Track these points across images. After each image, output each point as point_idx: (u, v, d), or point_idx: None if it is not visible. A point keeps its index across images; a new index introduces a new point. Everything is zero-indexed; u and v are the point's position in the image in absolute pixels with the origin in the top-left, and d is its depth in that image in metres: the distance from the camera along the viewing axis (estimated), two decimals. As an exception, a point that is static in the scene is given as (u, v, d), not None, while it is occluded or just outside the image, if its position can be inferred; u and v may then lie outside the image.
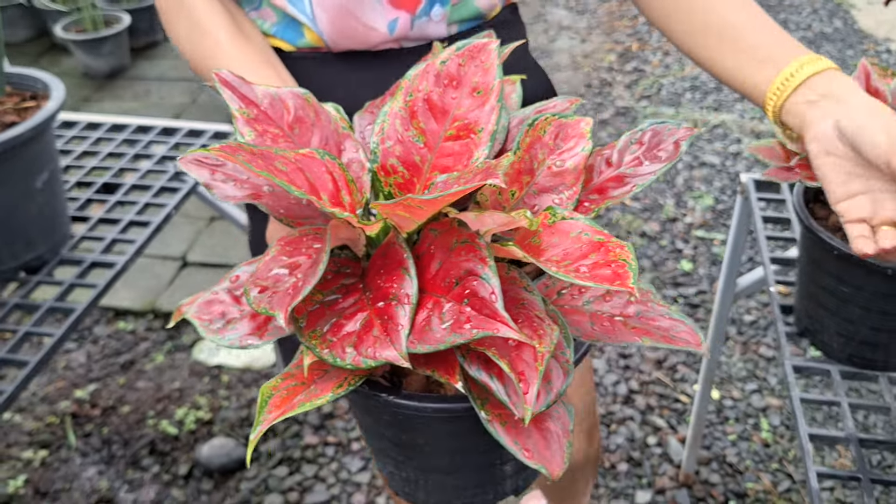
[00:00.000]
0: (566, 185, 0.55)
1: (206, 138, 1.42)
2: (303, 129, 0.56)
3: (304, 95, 0.58)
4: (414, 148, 0.55)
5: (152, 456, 1.77)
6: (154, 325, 2.12)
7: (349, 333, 0.47)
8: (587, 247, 0.47)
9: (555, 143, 0.56)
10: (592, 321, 0.53)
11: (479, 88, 0.55)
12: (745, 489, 1.66)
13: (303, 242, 0.50)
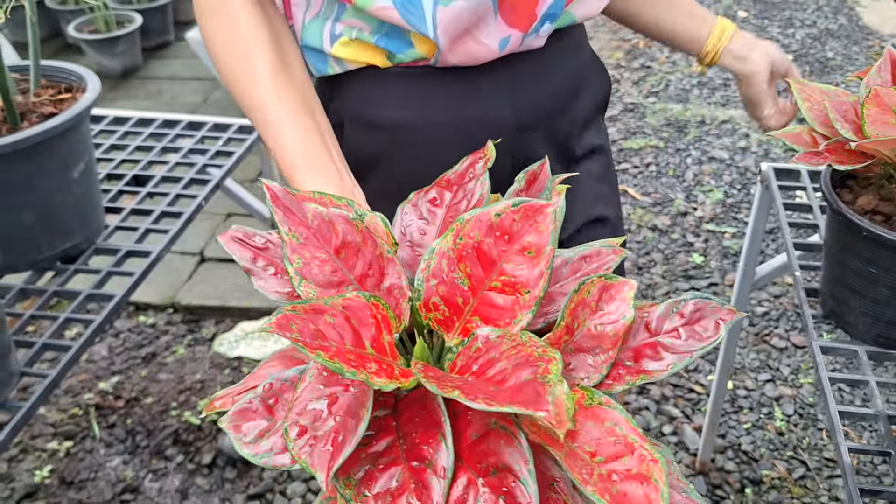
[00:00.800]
0: (603, 349, 0.53)
1: (232, 132, 1.45)
2: (349, 253, 0.57)
3: (353, 220, 0.58)
4: (458, 290, 0.55)
5: (176, 446, 1.80)
6: (174, 319, 2.15)
7: (383, 492, 0.47)
8: (622, 446, 0.46)
9: (597, 305, 0.54)
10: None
11: (530, 249, 0.54)
12: (761, 476, 1.69)
13: (344, 391, 0.49)
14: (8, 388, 0.93)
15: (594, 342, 0.53)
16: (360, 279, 0.56)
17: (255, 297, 2.16)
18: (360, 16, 0.76)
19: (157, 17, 3.54)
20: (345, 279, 0.56)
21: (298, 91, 0.73)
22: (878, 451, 0.81)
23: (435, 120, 0.81)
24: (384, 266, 0.57)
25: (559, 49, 0.85)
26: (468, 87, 0.80)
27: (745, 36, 1.02)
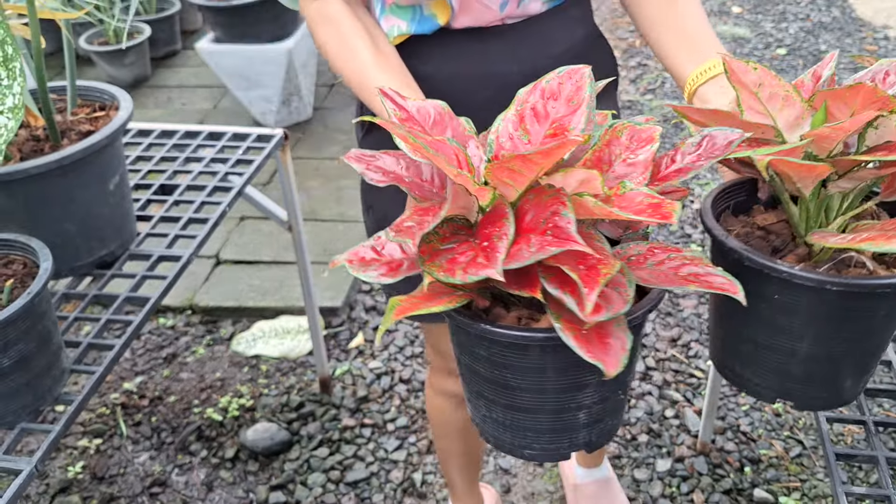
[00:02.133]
0: (637, 173, 0.69)
1: (251, 141, 1.54)
2: (439, 129, 0.74)
3: (443, 107, 0.75)
4: (520, 143, 0.71)
5: (200, 441, 1.88)
6: (192, 321, 2.24)
7: (460, 262, 0.62)
8: (646, 206, 0.62)
9: (629, 143, 0.71)
10: (651, 274, 0.67)
11: (572, 99, 0.71)
12: (759, 455, 1.77)
13: (430, 209, 0.67)
14: (60, 383, 1.02)
15: (630, 169, 0.70)
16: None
17: (269, 297, 2.24)
18: (396, 11, 0.98)
19: (164, 27, 3.63)
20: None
21: (397, 69, 0.93)
22: (854, 419, 0.90)
23: (450, 72, 1.00)
24: (466, 140, 0.74)
25: (559, 21, 1.02)
26: (477, 46, 0.99)
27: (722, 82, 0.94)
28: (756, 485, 1.71)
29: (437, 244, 0.65)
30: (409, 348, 2.12)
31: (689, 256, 0.68)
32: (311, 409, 1.95)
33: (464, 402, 1.29)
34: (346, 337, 2.17)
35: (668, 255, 0.68)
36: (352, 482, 1.78)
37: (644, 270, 0.68)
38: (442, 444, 1.48)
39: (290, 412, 1.95)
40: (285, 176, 1.59)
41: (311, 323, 1.86)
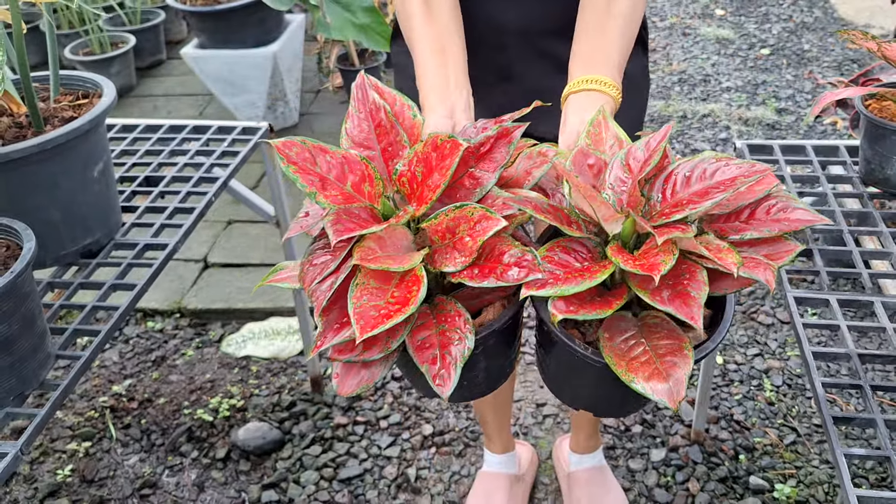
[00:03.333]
0: (464, 255, 0.74)
1: (236, 133, 1.53)
2: (381, 132, 0.84)
3: (389, 113, 0.83)
4: (415, 177, 0.79)
5: (190, 442, 1.86)
6: (181, 324, 2.22)
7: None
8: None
9: (473, 227, 0.74)
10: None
11: (449, 166, 0.77)
12: (754, 443, 1.76)
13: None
14: (45, 368, 1.00)
15: (462, 246, 0.73)
16: (382, 150, 0.83)
17: (258, 298, 2.23)
18: None
19: (149, 36, 3.62)
20: (373, 146, 0.83)
21: (438, 30, 0.97)
22: (850, 384, 0.89)
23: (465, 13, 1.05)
24: (398, 150, 0.82)
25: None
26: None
27: (589, 103, 0.91)
28: (751, 472, 1.70)
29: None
30: (401, 347, 2.11)
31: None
32: (303, 408, 1.93)
33: None
34: (336, 336, 2.15)
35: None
36: (345, 479, 1.76)
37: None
38: None
39: (281, 411, 1.93)
40: (271, 170, 1.58)
41: (302, 322, 1.85)
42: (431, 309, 0.76)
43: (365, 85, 0.86)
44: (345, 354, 0.71)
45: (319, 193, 0.74)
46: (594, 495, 1.61)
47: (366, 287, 0.70)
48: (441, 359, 0.70)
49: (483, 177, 0.78)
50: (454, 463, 1.79)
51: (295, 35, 3.00)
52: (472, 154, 0.79)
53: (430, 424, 1.88)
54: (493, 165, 0.78)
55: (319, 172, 0.76)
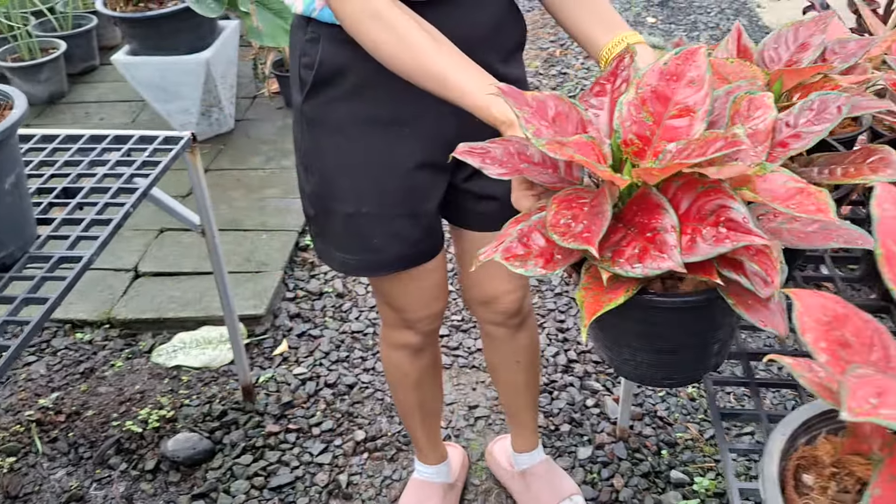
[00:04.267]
0: (759, 142, 0.74)
1: (157, 143, 1.52)
2: (561, 121, 0.78)
3: (560, 97, 0.79)
4: (645, 126, 0.75)
5: (119, 455, 1.84)
6: (111, 334, 2.19)
7: (631, 255, 0.67)
8: (792, 191, 0.67)
9: (748, 113, 0.76)
10: (792, 234, 0.73)
11: (694, 80, 0.74)
12: (676, 438, 1.82)
13: (572, 200, 0.71)
14: (-49, 384, 0.99)
15: (752, 139, 0.73)
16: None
17: (190, 307, 2.21)
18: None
19: (81, 42, 3.56)
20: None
21: (454, 49, 0.94)
22: (738, 380, 0.94)
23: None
24: (586, 126, 0.78)
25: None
26: (444, 10, 1.02)
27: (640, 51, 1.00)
28: (673, 467, 1.76)
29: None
30: (335, 353, 2.12)
31: (812, 204, 0.70)
32: (234, 417, 1.93)
33: (419, 353, 1.38)
34: (270, 344, 2.15)
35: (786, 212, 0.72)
36: (276, 487, 1.76)
37: (780, 232, 0.74)
38: (400, 397, 1.54)
39: (212, 421, 1.92)
40: (196, 179, 1.58)
41: (231, 330, 1.84)
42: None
43: (511, 91, 0.80)
44: None
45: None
46: (554, 485, 1.65)
47: None
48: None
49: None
50: (386, 468, 1.81)
51: (229, 41, 2.98)
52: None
53: (362, 430, 1.89)
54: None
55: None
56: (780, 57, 0.97)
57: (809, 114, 0.78)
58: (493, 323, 1.44)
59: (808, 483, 0.57)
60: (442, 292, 1.35)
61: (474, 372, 2.06)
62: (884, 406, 0.38)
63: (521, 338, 1.47)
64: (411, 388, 1.50)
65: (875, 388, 0.40)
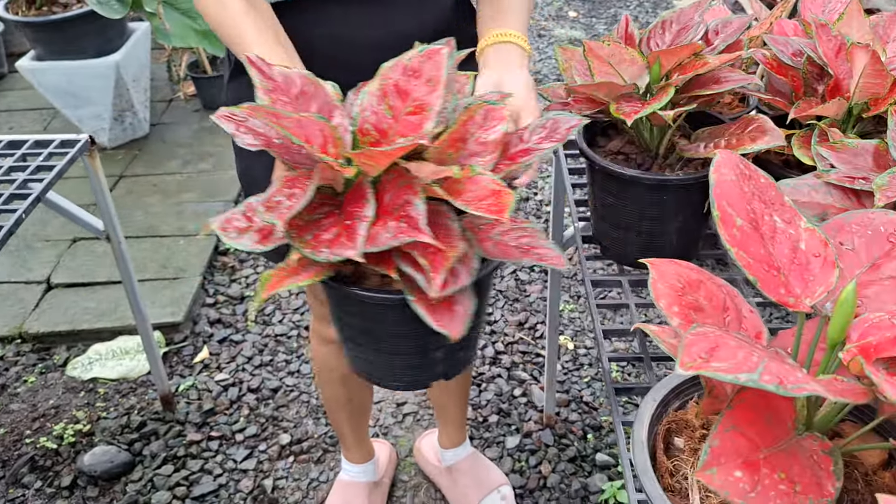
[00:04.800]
0: (488, 152, 0.77)
1: (53, 147, 1.47)
2: (305, 99, 0.77)
3: (308, 76, 0.78)
4: (384, 118, 0.76)
5: (34, 472, 1.77)
6: (23, 349, 2.11)
7: (325, 240, 0.68)
8: (488, 192, 0.69)
9: (483, 122, 0.78)
10: (495, 245, 0.76)
11: (431, 80, 0.75)
12: (601, 422, 1.84)
13: (298, 180, 0.71)
14: None
15: (482, 148, 0.76)
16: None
17: (105, 318, 2.15)
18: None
19: (-15, 50, 3.43)
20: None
21: (267, 26, 0.94)
22: (633, 356, 0.95)
23: (325, 33, 1.04)
24: (332, 110, 0.77)
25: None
26: (354, 10, 1.03)
27: (499, 57, 0.99)
28: (598, 450, 1.78)
29: (304, 214, 0.70)
30: (258, 357, 2.08)
31: (529, 229, 0.77)
32: (154, 427, 1.88)
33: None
34: (189, 352, 2.10)
35: (513, 226, 0.77)
36: (198, 496, 1.72)
37: (489, 242, 0.76)
38: (327, 392, 1.52)
39: (131, 433, 1.86)
40: (96, 182, 1.53)
41: (145, 339, 1.79)
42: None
43: (258, 65, 0.79)
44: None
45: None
46: (480, 478, 1.65)
47: None
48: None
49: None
50: (313, 470, 1.78)
51: (140, 43, 2.90)
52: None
53: (287, 434, 1.87)
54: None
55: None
56: (664, 41, 0.99)
57: (542, 131, 0.82)
58: None
59: (678, 445, 0.57)
60: None
61: (401, 368, 2.04)
62: (714, 360, 0.39)
63: None
64: (338, 383, 1.48)
65: (709, 343, 0.40)
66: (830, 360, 0.46)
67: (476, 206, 0.68)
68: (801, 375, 0.39)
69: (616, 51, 0.91)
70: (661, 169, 0.98)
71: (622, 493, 1.65)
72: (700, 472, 0.42)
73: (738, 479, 0.41)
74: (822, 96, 0.98)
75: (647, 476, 0.53)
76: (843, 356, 0.43)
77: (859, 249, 0.52)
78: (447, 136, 0.77)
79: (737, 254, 0.48)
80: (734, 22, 1.02)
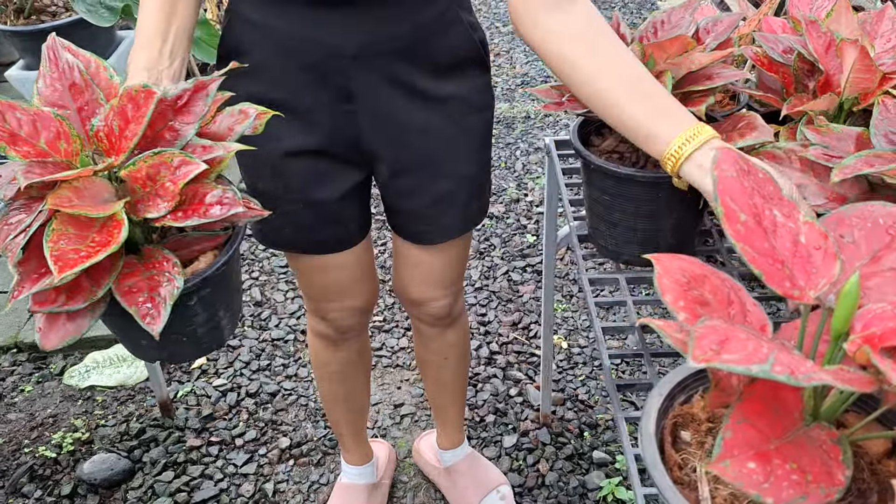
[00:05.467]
0: (167, 199, 0.75)
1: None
2: (76, 91, 0.81)
3: (83, 73, 0.81)
4: (112, 131, 0.79)
5: (33, 482, 1.77)
6: (19, 359, 2.10)
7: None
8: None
9: (174, 171, 0.76)
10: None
11: (140, 116, 0.78)
12: (597, 420, 1.86)
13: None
14: None
15: (164, 192, 0.75)
16: (79, 110, 0.80)
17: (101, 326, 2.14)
18: None
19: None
20: (67, 106, 0.80)
21: (164, 16, 0.95)
22: (633, 353, 0.96)
23: (279, 28, 1.02)
24: (95, 108, 0.80)
25: (406, 1, 1.01)
26: (321, 11, 0.99)
27: (704, 159, 0.81)
28: (595, 447, 1.79)
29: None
30: (256, 362, 2.09)
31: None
32: (153, 434, 1.88)
33: (337, 345, 1.43)
34: (187, 357, 2.10)
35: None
36: (200, 501, 1.72)
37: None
38: (323, 387, 1.52)
39: (130, 440, 1.86)
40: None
41: (144, 344, 1.79)
42: (140, 259, 0.77)
43: (57, 45, 0.83)
44: (47, 305, 0.70)
45: (9, 148, 0.73)
46: (479, 478, 1.66)
47: (63, 233, 0.70)
48: (150, 300, 0.71)
49: (183, 129, 0.79)
50: (313, 472, 1.79)
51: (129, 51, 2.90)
52: (171, 108, 0.80)
53: (287, 437, 1.87)
54: (193, 118, 0.79)
55: (9, 129, 0.75)
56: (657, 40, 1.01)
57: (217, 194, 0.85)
58: (423, 322, 1.43)
59: (685, 439, 0.58)
60: (356, 291, 1.32)
61: (398, 371, 2.05)
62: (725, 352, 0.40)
63: (450, 336, 1.47)
64: (332, 378, 1.48)
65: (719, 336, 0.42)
66: (835, 351, 0.47)
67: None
68: (810, 365, 0.40)
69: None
70: (655, 167, 1.00)
71: (620, 489, 1.67)
72: (713, 464, 0.43)
73: (752, 471, 0.42)
74: (814, 92, 1.00)
75: (657, 469, 0.54)
76: (847, 346, 0.45)
77: (859, 242, 0.54)
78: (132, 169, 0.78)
79: (742, 248, 0.49)
80: (724, 20, 1.03)
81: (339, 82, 1.05)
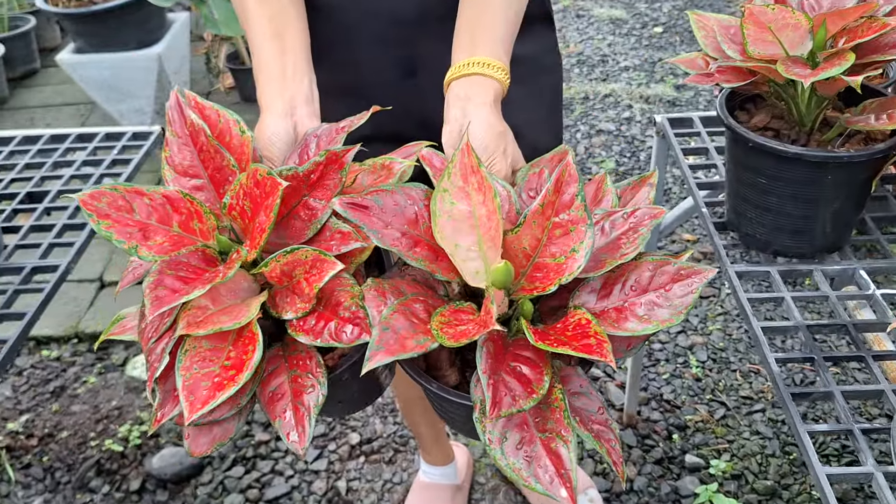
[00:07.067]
0: (304, 299, 0.67)
1: (126, 140, 1.40)
2: (206, 157, 0.74)
3: (209, 136, 0.73)
4: (244, 211, 0.71)
5: (100, 476, 1.72)
6: (80, 349, 2.05)
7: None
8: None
9: (310, 268, 0.68)
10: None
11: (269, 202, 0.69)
12: (685, 421, 1.77)
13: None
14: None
15: (300, 290, 0.67)
16: (211, 177, 0.73)
17: (164, 315, 2.08)
18: None
19: (20, 45, 3.36)
20: (199, 174, 0.73)
21: (270, 11, 0.87)
22: (803, 356, 0.87)
23: (349, 7, 0.96)
24: (227, 175, 0.73)
25: None
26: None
27: (471, 90, 0.80)
28: (686, 451, 1.70)
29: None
30: (320, 354, 2.02)
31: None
32: (221, 428, 1.81)
33: None
34: (251, 349, 2.04)
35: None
36: (272, 499, 1.66)
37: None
38: (400, 390, 1.47)
39: (197, 434, 1.80)
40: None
41: (213, 335, 1.73)
42: (283, 349, 0.69)
43: (180, 104, 0.75)
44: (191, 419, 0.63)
45: (141, 246, 0.66)
46: None
47: (197, 352, 0.63)
48: (294, 410, 0.64)
49: (318, 207, 0.71)
50: (385, 471, 1.72)
51: (180, 34, 2.84)
52: (304, 182, 0.72)
53: (356, 433, 1.80)
54: (328, 193, 0.71)
55: (139, 220, 0.68)
56: (819, 4, 0.91)
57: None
58: None
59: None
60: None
61: (469, 365, 1.97)
62: None
63: None
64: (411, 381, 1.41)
65: None
66: None
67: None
68: None
69: (781, 15, 0.83)
70: (818, 145, 0.91)
71: (718, 496, 1.57)
72: None
73: None
74: None
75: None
76: None
77: None
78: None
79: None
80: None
81: (404, 52, 0.99)
